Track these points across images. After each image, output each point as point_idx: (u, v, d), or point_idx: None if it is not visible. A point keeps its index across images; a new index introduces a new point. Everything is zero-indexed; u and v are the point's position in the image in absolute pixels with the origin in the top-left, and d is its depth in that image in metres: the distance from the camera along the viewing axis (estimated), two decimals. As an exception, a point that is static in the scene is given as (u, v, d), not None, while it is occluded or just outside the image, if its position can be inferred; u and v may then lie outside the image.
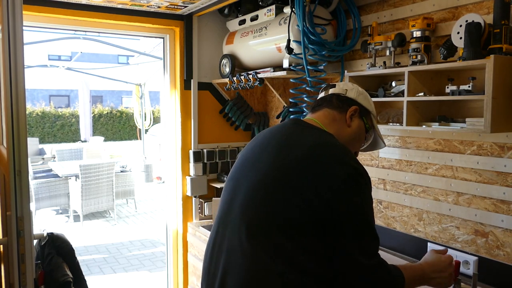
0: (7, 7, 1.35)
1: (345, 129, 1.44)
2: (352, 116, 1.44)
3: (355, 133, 1.45)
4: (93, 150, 9.26)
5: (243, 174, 1.35)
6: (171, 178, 3.20)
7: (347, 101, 1.46)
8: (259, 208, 1.24)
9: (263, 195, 1.25)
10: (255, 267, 1.19)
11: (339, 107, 1.45)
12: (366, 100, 1.50)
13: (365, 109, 1.48)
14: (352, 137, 1.45)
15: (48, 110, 19.48)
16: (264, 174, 1.27)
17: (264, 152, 1.34)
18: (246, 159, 1.39)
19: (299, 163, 1.23)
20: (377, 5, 2.30)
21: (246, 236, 1.21)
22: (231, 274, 1.23)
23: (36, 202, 6.35)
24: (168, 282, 3.29)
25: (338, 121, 1.44)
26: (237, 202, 1.30)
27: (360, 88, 1.51)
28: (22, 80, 1.39)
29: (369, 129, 1.49)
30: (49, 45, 22.08)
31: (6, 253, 1.65)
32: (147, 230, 6.58)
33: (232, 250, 1.25)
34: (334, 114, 1.44)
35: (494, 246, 1.81)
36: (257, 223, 1.22)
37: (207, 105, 3.15)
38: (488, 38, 1.65)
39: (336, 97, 1.47)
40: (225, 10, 2.94)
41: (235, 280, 1.21)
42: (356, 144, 1.49)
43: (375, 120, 1.53)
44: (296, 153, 1.26)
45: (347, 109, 1.44)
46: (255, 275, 1.19)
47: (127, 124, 20.90)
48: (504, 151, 1.76)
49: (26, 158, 1.40)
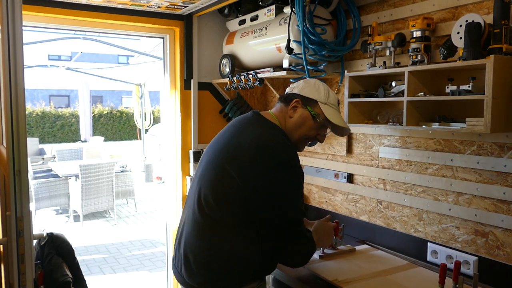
0: (7, 7, 1.35)
1: (288, 119, 1.75)
2: (294, 108, 1.74)
3: (297, 121, 1.74)
4: (93, 150, 9.26)
5: (205, 153, 1.80)
6: (171, 178, 3.20)
7: (291, 96, 1.77)
8: (205, 180, 1.65)
9: (210, 170, 1.66)
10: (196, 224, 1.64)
11: (285, 101, 1.77)
12: (312, 90, 1.75)
13: (309, 99, 1.74)
14: (295, 126, 1.74)
15: (48, 110, 19.48)
16: (215, 153, 1.68)
17: (223, 136, 1.74)
18: (212, 141, 1.81)
19: (241, 150, 1.60)
20: (377, 5, 2.30)
21: (197, 200, 1.65)
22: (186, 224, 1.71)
23: (36, 202, 6.35)
24: (168, 282, 3.29)
25: (284, 112, 1.76)
26: (197, 174, 1.76)
27: (311, 82, 1.79)
28: (22, 80, 1.39)
29: (316, 116, 1.72)
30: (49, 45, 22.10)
31: (6, 253, 1.65)
32: (147, 230, 6.58)
33: (189, 208, 1.73)
34: (282, 107, 1.78)
35: (494, 246, 1.81)
36: (204, 192, 1.62)
37: (207, 105, 3.15)
38: (488, 38, 1.65)
39: (285, 95, 1.81)
40: (225, 10, 2.94)
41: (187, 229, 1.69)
42: (302, 130, 1.75)
43: (329, 108, 1.74)
44: (241, 141, 1.63)
45: (290, 102, 1.75)
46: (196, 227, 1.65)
47: (127, 124, 20.91)
48: (504, 151, 1.76)
49: (25, 158, 1.40)
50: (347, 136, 2.51)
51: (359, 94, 2.16)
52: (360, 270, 1.93)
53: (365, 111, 2.20)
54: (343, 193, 2.59)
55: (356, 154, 2.48)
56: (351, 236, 2.44)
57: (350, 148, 2.52)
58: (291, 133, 1.73)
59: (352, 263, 2.03)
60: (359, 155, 2.47)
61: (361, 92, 2.17)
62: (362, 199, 2.46)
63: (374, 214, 2.39)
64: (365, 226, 2.42)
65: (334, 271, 1.91)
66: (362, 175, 2.45)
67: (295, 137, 1.75)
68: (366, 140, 2.42)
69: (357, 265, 2.00)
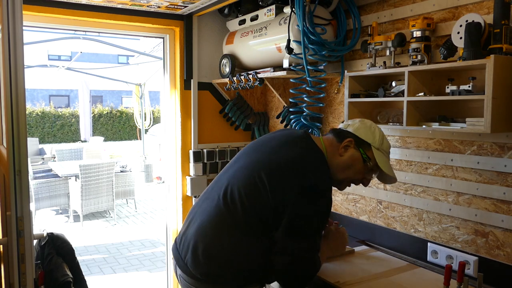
0: (7, 7, 1.35)
1: (337, 157, 1.71)
2: (346, 147, 1.70)
3: (346, 162, 1.70)
4: (93, 150, 9.25)
5: (245, 154, 1.77)
6: (171, 178, 3.20)
7: (345, 133, 1.73)
8: (238, 180, 1.64)
9: (244, 173, 1.64)
10: (217, 217, 1.63)
11: (338, 137, 1.73)
12: (368, 133, 1.72)
13: (363, 141, 1.70)
14: (342, 166, 1.70)
15: (48, 110, 19.48)
16: (255, 159, 1.67)
17: (268, 145, 1.72)
18: (255, 144, 1.79)
19: (281, 164, 1.61)
20: (377, 5, 2.30)
21: (223, 195, 1.63)
22: (202, 214, 1.68)
23: (36, 202, 6.35)
24: (168, 282, 3.29)
25: (334, 148, 1.72)
26: (228, 170, 1.74)
27: (367, 123, 1.75)
28: (22, 80, 1.39)
29: (367, 160, 1.70)
30: (49, 45, 22.13)
31: (6, 253, 1.65)
32: (147, 230, 6.58)
33: (211, 199, 1.68)
34: (333, 141, 1.74)
35: (494, 246, 1.81)
36: (233, 190, 1.62)
37: (207, 105, 3.15)
38: (488, 38, 1.65)
39: (339, 130, 1.77)
40: (225, 10, 2.94)
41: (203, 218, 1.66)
42: (349, 172, 1.72)
43: (380, 154, 1.71)
44: (284, 155, 1.63)
45: (343, 140, 1.71)
46: (216, 220, 1.63)
47: (127, 124, 20.90)
48: (504, 151, 1.76)
49: (26, 158, 1.40)
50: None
51: (359, 94, 2.16)
52: (362, 272, 1.93)
53: (365, 111, 2.20)
54: (343, 193, 2.59)
55: (356, 154, 2.48)
56: (351, 236, 2.44)
57: (350, 148, 2.52)
58: (337, 171, 1.70)
59: (353, 264, 2.03)
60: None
61: (361, 92, 2.17)
62: (362, 199, 2.46)
63: (374, 214, 2.39)
64: (365, 226, 2.42)
65: (335, 273, 1.91)
66: (362, 175, 2.44)
67: (340, 177, 1.73)
68: (366, 140, 2.41)
69: (358, 266, 2.00)
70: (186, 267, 1.67)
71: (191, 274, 1.65)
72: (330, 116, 2.64)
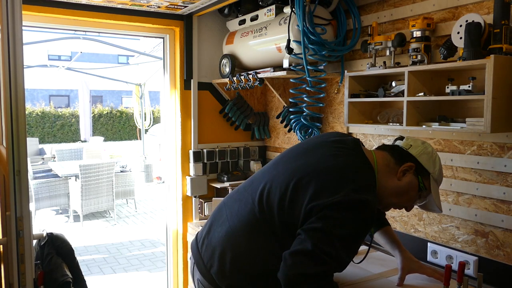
0: (6, 7, 1.35)
1: (393, 180, 1.55)
2: (405, 171, 1.55)
3: (402, 188, 1.55)
4: (93, 150, 9.25)
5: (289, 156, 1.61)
6: (171, 178, 3.20)
7: (406, 156, 1.57)
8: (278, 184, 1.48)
9: (288, 176, 1.48)
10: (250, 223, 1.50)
11: (397, 158, 1.57)
12: (430, 161, 1.57)
13: (424, 169, 1.56)
14: (396, 190, 1.55)
15: (48, 110, 19.48)
16: (300, 163, 1.52)
17: (314, 149, 1.57)
18: (301, 147, 1.64)
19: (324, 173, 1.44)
20: (377, 5, 2.30)
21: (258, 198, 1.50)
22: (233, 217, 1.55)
23: (36, 202, 6.35)
24: (168, 282, 3.29)
25: (390, 169, 1.56)
26: (267, 171, 1.59)
27: (429, 149, 1.60)
28: (22, 80, 1.39)
29: (423, 189, 1.57)
30: (49, 45, 22.13)
31: (5, 253, 1.65)
32: (147, 230, 6.58)
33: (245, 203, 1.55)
34: (390, 161, 1.57)
35: (494, 246, 1.81)
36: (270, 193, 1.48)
37: (207, 105, 3.15)
38: (488, 38, 1.65)
39: (396, 149, 1.60)
40: (225, 10, 2.94)
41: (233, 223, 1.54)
42: (400, 199, 1.58)
43: (435, 185, 1.59)
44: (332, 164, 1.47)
45: (403, 163, 1.55)
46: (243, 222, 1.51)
47: (127, 124, 20.91)
48: (504, 151, 1.76)
49: (25, 158, 1.40)
50: (347, 136, 2.51)
51: (359, 94, 2.16)
52: (361, 272, 1.93)
53: (365, 111, 2.20)
54: (343, 193, 2.58)
55: (356, 154, 2.48)
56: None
57: (350, 148, 2.52)
58: (387, 194, 1.55)
59: (352, 265, 2.02)
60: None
61: (361, 92, 2.17)
62: (362, 199, 2.46)
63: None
64: (365, 226, 2.41)
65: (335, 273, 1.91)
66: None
67: (389, 200, 1.58)
68: (366, 140, 2.42)
69: (357, 266, 2.00)
70: (209, 274, 1.55)
71: (214, 284, 1.54)
72: (330, 116, 2.64)
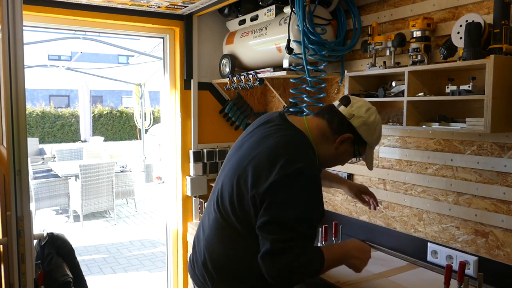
0: (7, 7, 1.35)
1: (329, 148, 1.59)
2: (342, 141, 1.58)
3: (338, 155, 1.61)
4: (93, 150, 9.25)
5: (230, 156, 1.68)
6: (171, 178, 3.20)
7: (346, 126, 1.57)
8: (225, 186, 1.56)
9: (230, 175, 1.55)
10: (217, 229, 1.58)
11: (335, 128, 1.58)
12: (369, 132, 1.59)
13: (362, 140, 1.60)
14: (332, 157, 1.61)
15: (48, 110, 19.48)
16: (238, 159, 1.57)
17: (246, 141, 1.62)
18: (236, 145, 1.69)
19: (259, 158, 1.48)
20: (377, 5, 2.30)
21: (220, 194, 1.58)
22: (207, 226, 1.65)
23: (36, 202, 6.35)
24: (168, 282, 3.29)
25: (326, 138, 1.58)
26: (220, 175, 1.67)
27: (371, 118, 1.59)
28: (22, 80, 1.39)
29: (357, 155, 1.64)
30: (49, 45, 22.11)
31: (6, 253, 1.65)
32: (147, 230, 6.58)
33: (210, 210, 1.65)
34: (326, 130, 1.58)
35: (494, 246, 1.81)
36: (223, 196, 1.55)
37: (207, 105, 3.15)
38: (488, 38, 1.65)
39: (337, 118, 1.58)
40: (225, 10, 2.94)
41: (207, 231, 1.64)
42: (336, 161, 1.66)
43: (370, 150, 1.66)
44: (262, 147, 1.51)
45: (342, 134, 1.57)
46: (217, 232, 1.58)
47: (127, 124, 20.91)
48: (504, 151, 1.76)
49: (26, 158, 1.40)
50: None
51: (359, 94, 2.16)
52: (361, 272, 1.93)
53: (365, 111, 2.20)
54: (343, 193, 2.59)
55: (356, 154, 2.48)
56: (351, 236, 2.44)
57: (350, 148, 2.52)
58: (325, 159, 1.60)
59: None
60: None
61: (361, 92, 2.17)
62: (362, 199, 2.46)
63: (374, 214, 2.39)
64: (365, 226, 2.42)
65: (335, 273, 1.91)
66: (362, 175, 2.45)
67: (325, 162, 1.64)
68: (366, 140, 2.42)
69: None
70: (205, 285, 1.62)
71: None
72: (330, 116, 2.64)
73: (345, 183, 2.09)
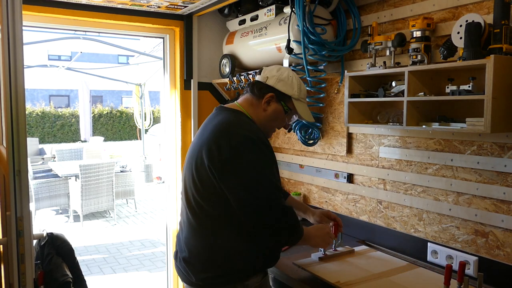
0: (6, 7, 1.35)
1: (261, 113, 1.77)
2: (269, 102, 1.76)
3: (270, 115, 1.77)
4: (93, 150, 9.26)
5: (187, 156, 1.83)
6: (171, 178, 3.20)
7: (265, 89, 1.76)
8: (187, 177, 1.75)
9: (188, 167, 1.73)
10: (190, 225, 1.72)
11: (257, 94, 1.77)
12: (287, 85, 1.77)
13: (284, 94, 1.77)
14: (268, 119, 1.78)
15: (48, 110, 19.48)
16: (191, 151, 1.75)
17: (198, 135, 1.78)
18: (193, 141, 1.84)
19: (207, 140, 1.64)
20: (377, 5, 2.30)
21: (184, 190, 1.76)
22: (183, 223, 1.80)
23: (36, 202, 6.35)
24: (168, 282, 3.29)
25: (255, 106, 1.77)
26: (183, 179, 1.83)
27: (284, 74, 1.78)
28: (22, 80, 1.39)
29: (288, 111, 1.79)
30: (49, 45, 22.13)
31: (5, 253, 1.65)
32: (147, 230, 6.58)
33: (182, 210, 1.81)
34: (252, 100, 1.78)
35: (494, 246, 1.81)
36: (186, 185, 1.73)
37: (207, 105, 3.15)
38: (488, 38, 1.65)
39: (256, 85, 1.79)
40: (225, 10, 2.94)
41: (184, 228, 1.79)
42: (274, 124, 1.82)
43: (299, 103, 1.80)
44: (207, 132, 1.67)
45: (264, 96, 1.76)
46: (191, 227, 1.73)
47: (127, 124, 20.91)
48: (504, 151, 1.76)
49: (25, 158, 1.40)
50: (347, 136, 2.52)
51: (359, 94, 2.16)
52: (362, 272, 1.93)
53: (365, 111, 2.20)
54: (343, 193, 2.59)
55: (356, 154, 2.48)
56: (351, 236, 2.44)
57: (350, 148, 2.52)
58: (262, 124, 1.77)
59: (353, 264, 2.03)
60: (359, 155, 2.47)
61: (361, 92, 2.17)
62: (362, 199, 2.46)
63: (374, 214, 2.39)
64: (365, 226, 2.42)
65: (335, 273, 1.91)
66: (362, 175, 2.45)
67: (267, 127, 1.81)
68: (366, 140, 2.42)
69: (358, 266, 2.00)
70: (186, 277, 1.74)
71: (193, 283, 1.71)
72: (330, 116, 2.64)
73: (308, 210, 2.11)
